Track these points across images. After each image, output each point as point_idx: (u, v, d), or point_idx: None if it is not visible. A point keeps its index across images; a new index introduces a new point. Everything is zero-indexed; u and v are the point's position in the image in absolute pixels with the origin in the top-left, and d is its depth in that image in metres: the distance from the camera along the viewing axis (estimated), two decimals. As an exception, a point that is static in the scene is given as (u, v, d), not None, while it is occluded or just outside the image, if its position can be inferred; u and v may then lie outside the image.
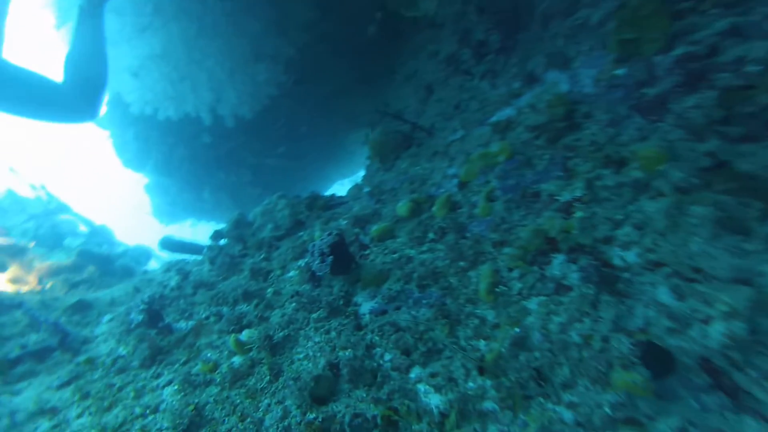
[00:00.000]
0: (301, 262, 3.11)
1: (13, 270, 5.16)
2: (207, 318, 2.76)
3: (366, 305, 2.58)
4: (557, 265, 2.36)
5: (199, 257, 4.57)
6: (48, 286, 5.02)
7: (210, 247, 3.85)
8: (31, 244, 5.79)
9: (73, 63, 4.29)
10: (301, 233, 3.70)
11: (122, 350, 2.64)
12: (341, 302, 2.58)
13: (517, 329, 2.20)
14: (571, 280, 2.24)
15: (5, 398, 2.44)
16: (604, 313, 1.97)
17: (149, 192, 9.86)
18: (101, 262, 4.69)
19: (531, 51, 3.63)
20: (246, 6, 5.78)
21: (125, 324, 2.78)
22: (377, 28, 6.52)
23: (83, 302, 3.64)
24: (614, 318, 1.92)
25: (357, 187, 4.44)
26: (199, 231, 11.72)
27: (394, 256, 2.89)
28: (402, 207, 3.18)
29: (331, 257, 2.62)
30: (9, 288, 5.03)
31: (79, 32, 4.33)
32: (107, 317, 3.35)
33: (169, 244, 5.23)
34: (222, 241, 4.09)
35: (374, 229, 3.19)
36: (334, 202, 4.15)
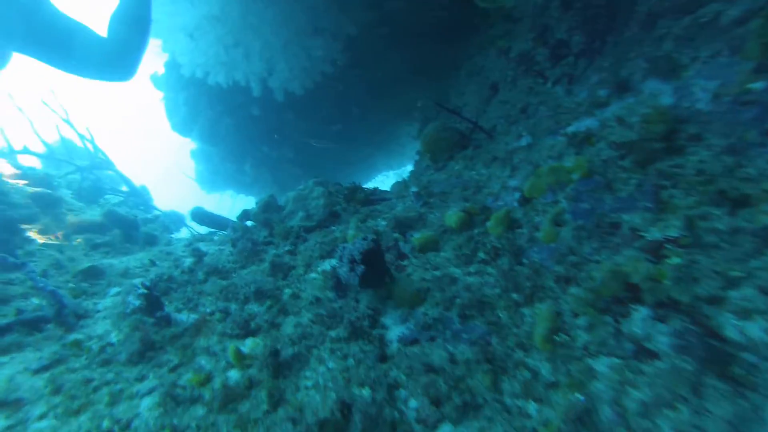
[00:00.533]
0: (328, 265, 2.68)
1: (43, 221, 4.99)
2: (212, 314, 2.38)
3: (395, 330, 2.13)
4: (639, 320, 1.84)
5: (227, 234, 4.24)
6: (76, 242, 4.83)
7: (234, 228, 3.49)
8: (70, 196, 5.64)
9: (117, 21, 4.05)
10: (334, 228, 3.28)
11: (113, 337, 2.30)
12: (366, 322, 2.13)
13: (580, 396, 1.70)
14: (659, 344, 1.72)
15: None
16: (712, 406, 1.44)
17: (194, 158, 9.70)
18: (127, 225, 4.43)
19: (626, 55, 3.05)
20: (310, -25, 5.37)
21: (123, 305, 2.44)
22: (446, 15, 5.99)
23: (95, 269, 3.35)
24: (731, 418, 1.39)
25: (403, 184, 3.98)
26: (240, 203, 11.52)
27: (436, 273, 2.42)
28: (452, 216, 2.70)
29: (362, 267, 2.17)
30: (38, 239, 4.86)
31: None
32: (114, 290, 3.04)
33: (199, 216, 4.94)
34: (248, 223, 3.72)
35: (416, 237, 2.73)
36: (375, 197, 3.70)
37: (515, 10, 4.76)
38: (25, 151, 6.49)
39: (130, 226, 4.38)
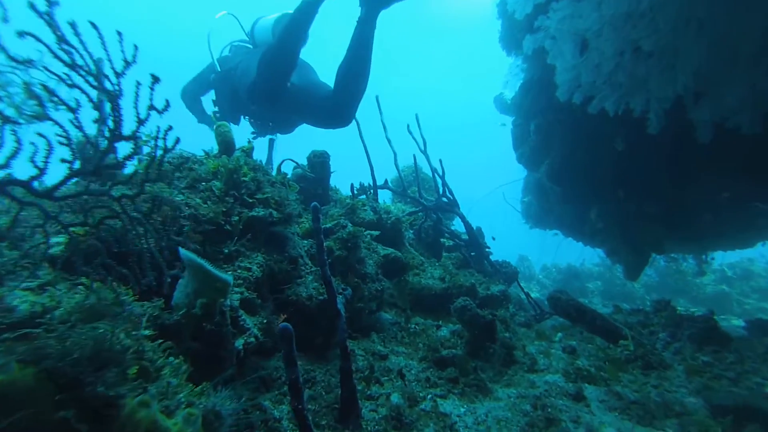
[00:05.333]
0: None
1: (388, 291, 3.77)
2: None
3: None
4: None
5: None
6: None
7: None
8: (410, 241, 4.59)
9: (341, 74, 4.01)
10: None
11: None
12: None
13: None
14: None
15: None
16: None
17: (526, 188, 7.99)
18: (480, 328, 2.80)
19: None
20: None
21: None
22: None
23: None
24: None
25: None
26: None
27: None
28: None
29: None
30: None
31: (352, 44, 3.94)
32: None
33: (561, 306, 3.06)
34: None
35: None
36: None
37: None
38: (384, 185, 5.75)
39: (484, 329, 2.70)
